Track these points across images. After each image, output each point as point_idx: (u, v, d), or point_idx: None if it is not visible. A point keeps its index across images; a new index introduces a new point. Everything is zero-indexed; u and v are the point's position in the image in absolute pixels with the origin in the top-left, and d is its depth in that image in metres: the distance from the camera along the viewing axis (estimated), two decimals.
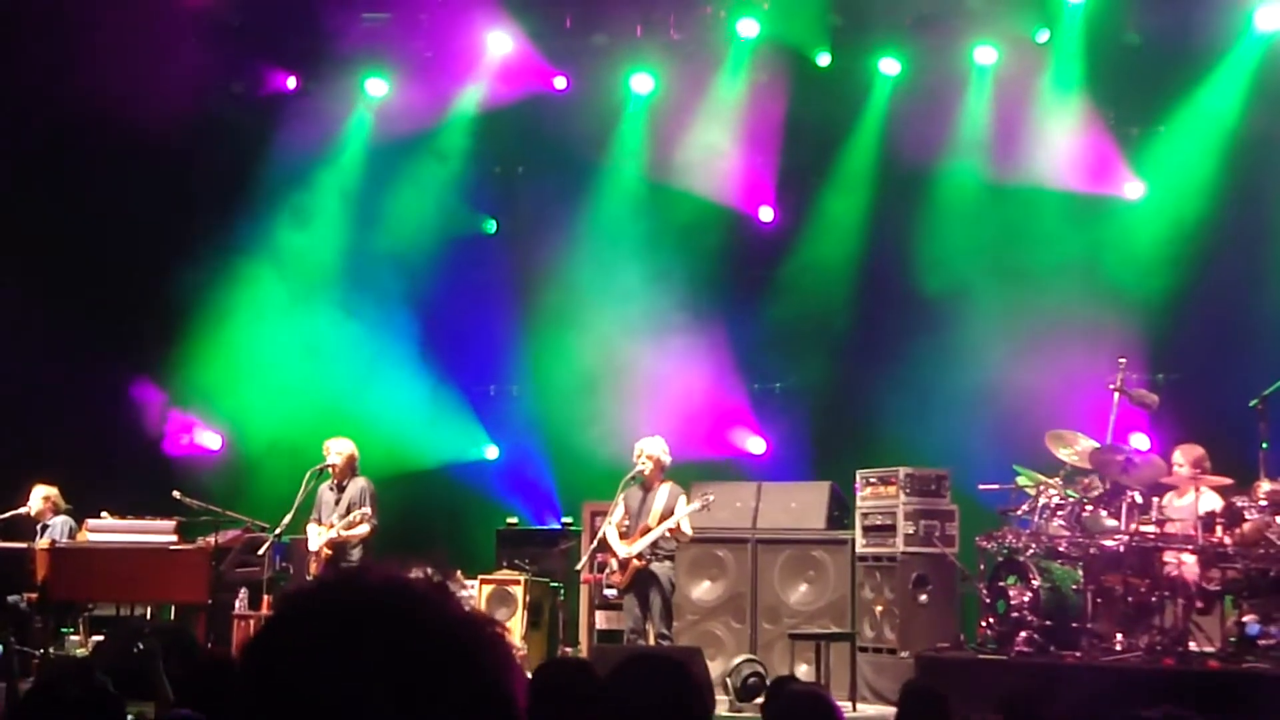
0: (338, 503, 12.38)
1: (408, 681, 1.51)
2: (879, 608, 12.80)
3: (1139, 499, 10.96)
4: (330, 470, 12.46)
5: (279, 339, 15.73)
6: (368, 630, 1.52)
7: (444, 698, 1.52)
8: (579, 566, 13.01)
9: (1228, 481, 10.96)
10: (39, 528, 13.45)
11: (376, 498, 12.42)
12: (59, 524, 13.41)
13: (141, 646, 11.21)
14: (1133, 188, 14.58)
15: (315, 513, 12.50)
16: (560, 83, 15.83)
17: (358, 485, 12.41)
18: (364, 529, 12.25)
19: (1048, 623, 10.98)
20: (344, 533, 12.21)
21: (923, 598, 12.70)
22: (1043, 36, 14.70)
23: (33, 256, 14.84)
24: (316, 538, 12.36)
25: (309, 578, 12.39)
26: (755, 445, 15.71)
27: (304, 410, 15.16)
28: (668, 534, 11.79)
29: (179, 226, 15.36)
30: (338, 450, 12.45)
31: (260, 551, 12.59)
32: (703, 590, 13.59)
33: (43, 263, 14.96)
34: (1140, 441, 12.91)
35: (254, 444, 15.56)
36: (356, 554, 12.35)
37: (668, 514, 11.81)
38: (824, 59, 15.17)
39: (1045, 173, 14.57)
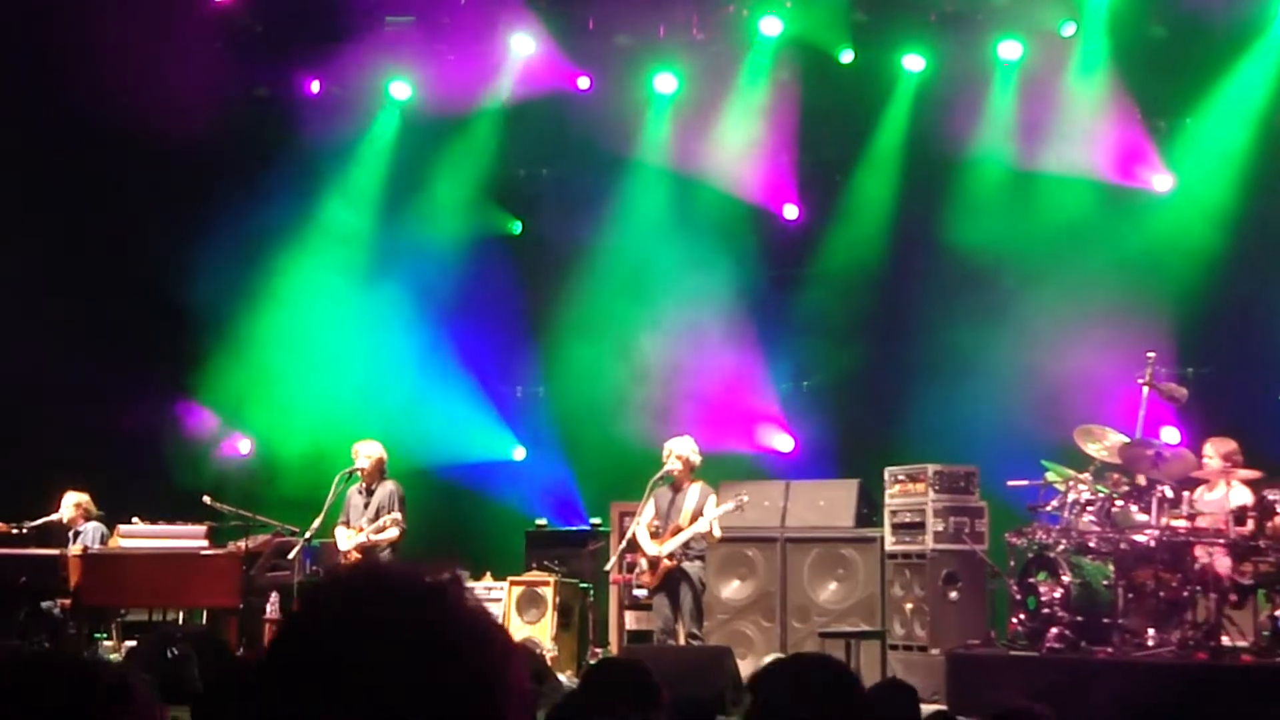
0: (367, 506, 12.41)
1: (416, 671, 1.57)
2: (909, 605, 12.76)
3: (1169, 493, 10.90)
4: (359, 473, 12.49)
5: (305, 341, 15.76)
6: (379, 621, 1.59)
7: (452, 687, 1.58)
8: (608, 567, 13.00)
9: (1258, 475, 10.90)
10: (71, 534, 13.52)
11: (405, 501, 12.46)
12: (91, 530, 13.48)
13: (176, 651, 11.27)
14: (1162, 180, 14.50)
15: (344, 516, 12.53)
16: (584, 83, 15.84)
17: (386, 489, 12.43)
18: (393, 533, 12.29)
19: (1079, 618, 10.92)
20: (373, 537, 12.24)
21: (953, 595, 12.66)
22: (1069, 30, 14.64)
23: (58, 261, 14.92)
24: (345, 541, 12.40)
25: None
26: (783, 443, 15.69)
27: (331, 413, 15.22)
28: (699, 535, 11.78)
29: (204, 229, 15.39)
30: (366, 453, 12.47)
31: (290, 555, 12.63)
32: (732, 589, 13.58)
33: (67, 267, 15.06)
34: (1170, 435, 12.85)
35: (282, 448, 15.60)
36: (385, 558, 12.34)
37: (698, 514, 11.80)
38: (847, 56, 15.14)
39: (1073, 166, 14.52)
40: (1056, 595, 11.02)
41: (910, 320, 15.06)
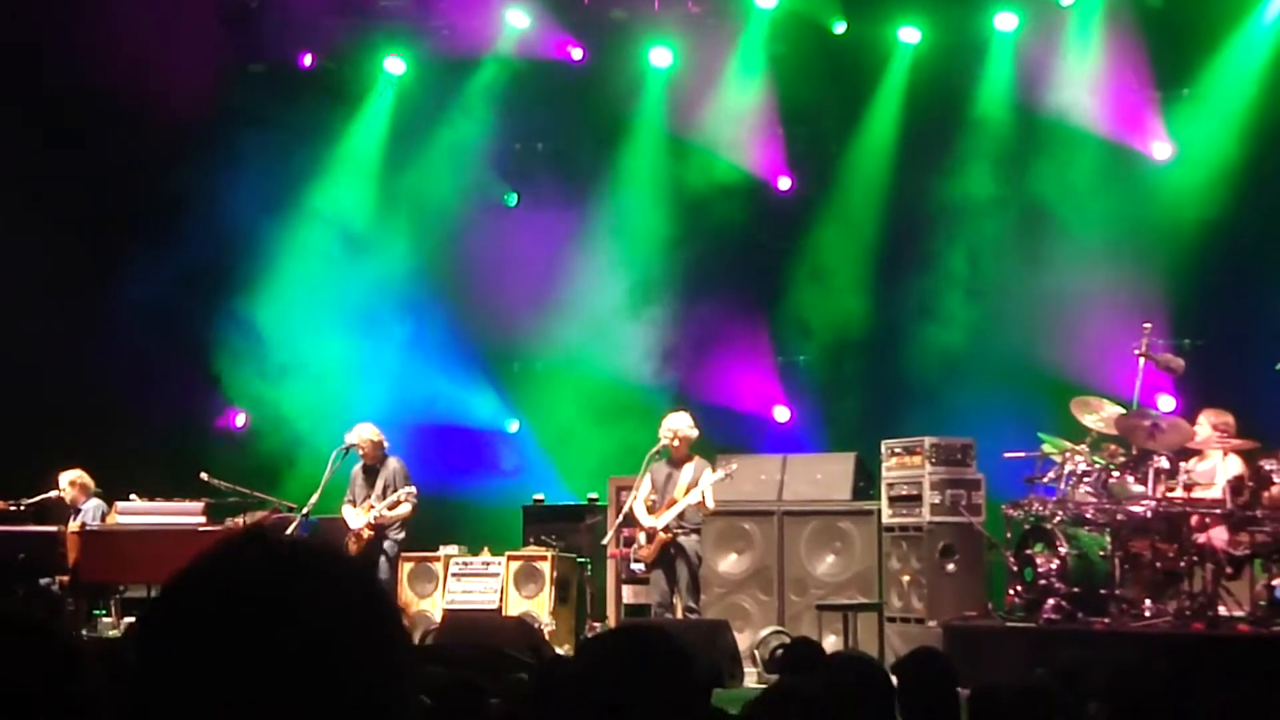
0: (371, 484, 12.61)
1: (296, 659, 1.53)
2: (906, 578, 12.77)
3: (1166, 464, 10.92)
4: (357, 451, 12.62)
5: (301, 313, 15.74)
6: (247, 611, 1.54)
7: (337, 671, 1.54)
8: (605, 541, 13.04)
9: (1253, 445, 10.90)
10: (73, 511, 13.53)
11: (410, 475, 12.72)
12: (92, 508, 13.50)
13: None
14: (1161, 149, 14.44)
15: (349, 494, 12.77)
16: (577, 54, 15.82)
17: (390, 466, 12.71)
18: (406, 509, 12.60)
19: (1075, 590, 10.95)
20: (387, 513, 12.51)
21: (950, 567, 12.67)
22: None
23: (56, 236, 14.91)
24: (356, 518, 12.63)
25: None
26: (780, 413, 15.70)
27: (328, 388, 15.25)
28: (693, 506, 11.82)
29: (202, 202, 15.38)
30: (363, 436, 12.65)
31: (288, 532, 12.67)
32: (730, 563, 13.59)
33: (65, 242, 15.02)
34: (1165, 403, 12.87)
35: (277, 423, 15.59)
36: (397, 533, 12.69)
37: (694, 487, 11.86)
38: (841, 28, 15.09)
39: (1071, 137, 14.47)
40: (1053, 567, 11.05)
41: (905, 292, 15.02)
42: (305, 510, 12.59)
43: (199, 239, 15.08)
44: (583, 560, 13.94)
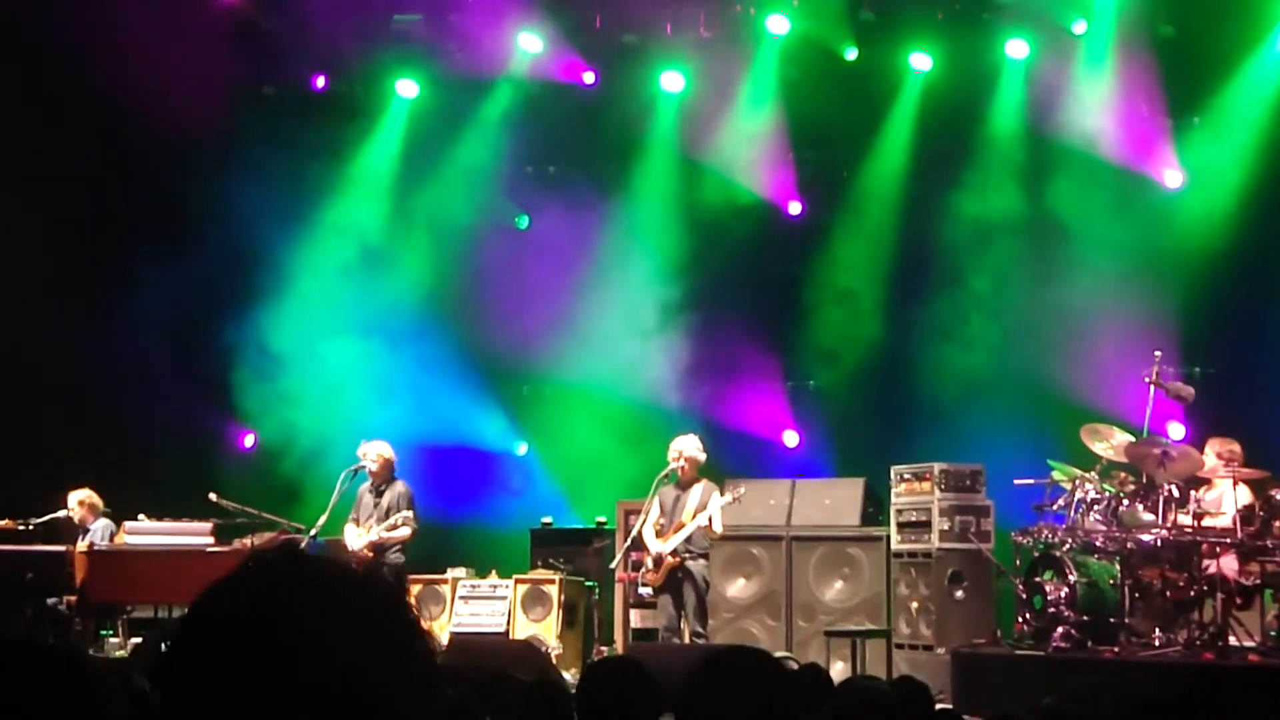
0: (376, 505, 12.52)
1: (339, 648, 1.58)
2: (914, 604, 12.74)
3: (1176, 492, 10.88)
4: (366, 472, 12.57)
5: (311, 333, 15.76)
6: (272, 630, 1.58)
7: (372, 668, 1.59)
8: (614, 565, 13.02)
9: (1263, 474, 10.87)
10: (81, 531, 13.54)
11: (414, 500, 12.57)
12: (100, 527, 13.52)
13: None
14: (1172, 177, 14.45)
15: (354, 513, 12.65)
16: (589, 78, 15.86)
17: (396, 489, 12.57)
18: (405, 532, 12.45)
19: (1085, 618, 10.92)
20: (386, 535, 12.38)
21: (958, 594, 12.64)
22: (1079, 28, 14.62)
23: (65, 248, 14.95)
24: (356, 539, 12.50)
25: None
26: (790, 438, 15.70)
27: (338, 408, 15.25)
28: (701, 530, 11.80)
29: (216, 223, 15.43)
30: (375, 453, 12.57)
31: None
32: (738, 588, 13.57)
33: (73, 254, 15.06)
34: (1176, 431, 12.84)
35: (289, 443, 15.59)
36: (395, 556, 12.53)
37: (702, 510, 11.84)
38: (853, 54, 15.13)
39: (1081, 164, 14.48)
40: (1063, 595, 11.02)
41: (915, 318, 15.02)
42: (314, 531, 12.56)
43: (211, 256, 15.11)
44: (590, 584, 13.93)
